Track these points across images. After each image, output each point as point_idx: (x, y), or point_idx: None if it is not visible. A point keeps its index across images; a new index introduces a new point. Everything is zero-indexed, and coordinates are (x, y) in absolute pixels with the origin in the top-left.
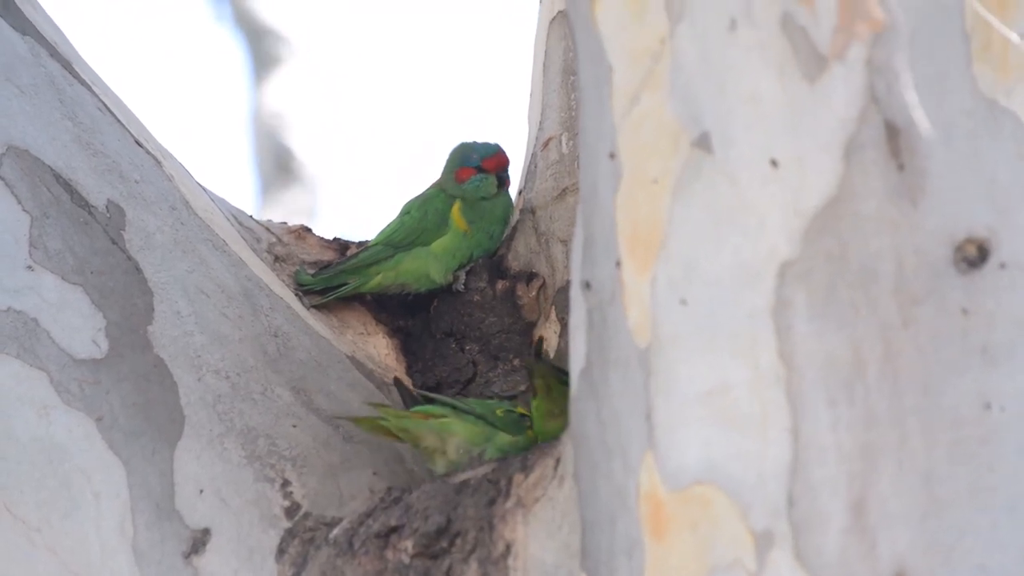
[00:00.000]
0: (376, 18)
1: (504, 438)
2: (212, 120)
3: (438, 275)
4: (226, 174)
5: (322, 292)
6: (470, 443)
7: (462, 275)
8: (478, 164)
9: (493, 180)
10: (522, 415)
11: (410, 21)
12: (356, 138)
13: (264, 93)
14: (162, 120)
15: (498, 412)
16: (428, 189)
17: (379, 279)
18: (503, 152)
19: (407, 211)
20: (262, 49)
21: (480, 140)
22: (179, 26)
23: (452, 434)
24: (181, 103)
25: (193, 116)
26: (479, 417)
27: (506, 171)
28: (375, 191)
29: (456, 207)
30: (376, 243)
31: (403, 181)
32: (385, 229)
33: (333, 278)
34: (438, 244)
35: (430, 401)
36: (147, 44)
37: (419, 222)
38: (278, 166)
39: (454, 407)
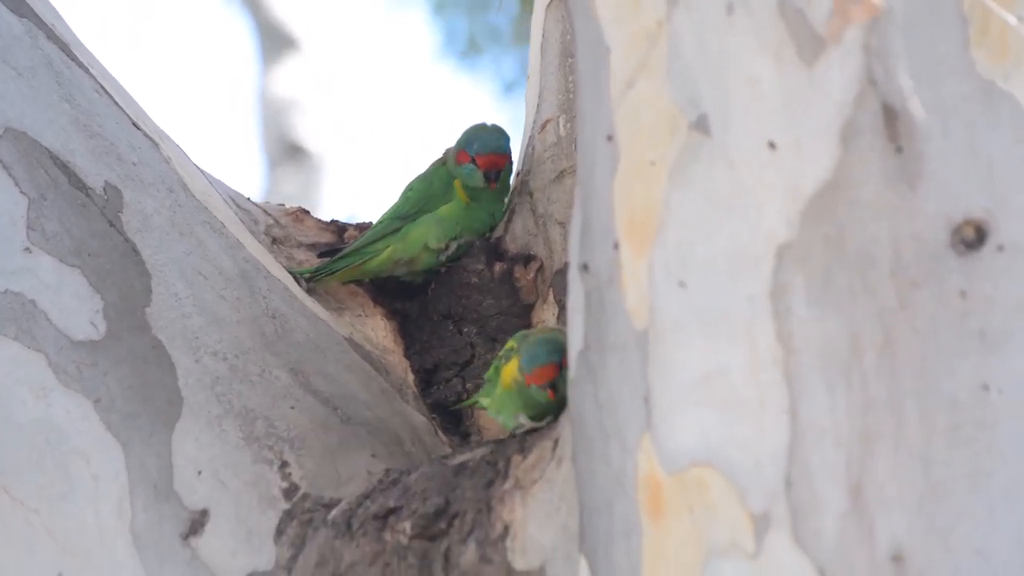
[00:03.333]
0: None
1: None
2: (220, 102)
3: (434, 240)
4: (233, 156)
5: (329, 276)
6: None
7: (453, 244)
8: (472, 157)
9: (481, 176)
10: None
11: (413, 5)
12: (357, 121)
13: (271, 76)
14: (169, 102)
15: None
16: (431, 166)
17: (389, 252)
18: (501, 154)
19: (410, 187)
20: (270, 32)
21: (496, 128)
22: (187, 9)
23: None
24: (189, 86)
25: (201, 98)
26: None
27: (497, 173)
28: (377, 175)
29: (458, 182)
30: (383, 219)
31: (405, 165)
32: (390, 208)
33: (341, 261)
34: (444, 209)
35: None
36: (155, 27)
37: (425, 191)
38: (284, 148)
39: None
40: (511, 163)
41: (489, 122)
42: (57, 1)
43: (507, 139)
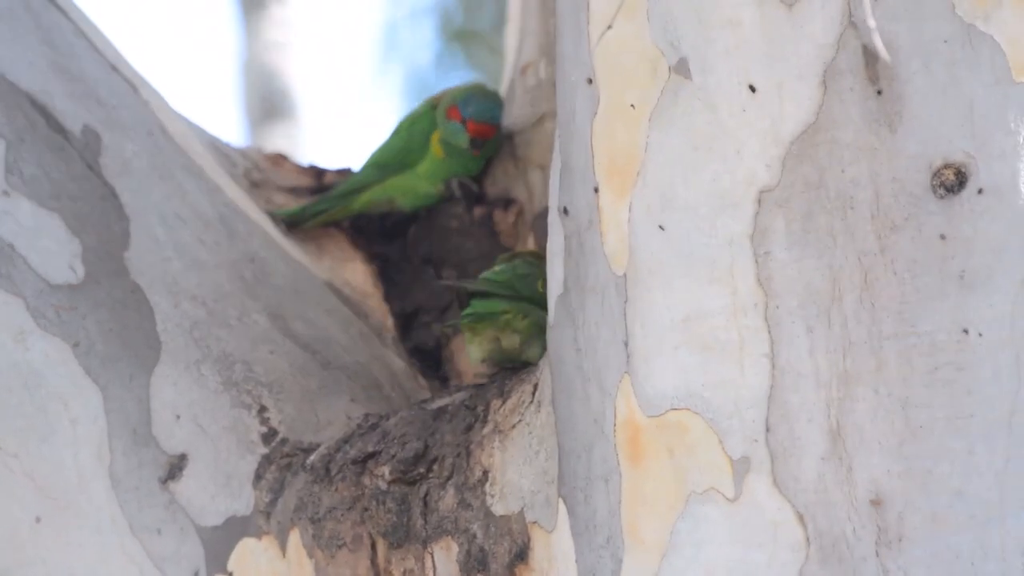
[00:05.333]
0: None
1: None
2: (200, 61)
3: (429, 187)
4: (214, 115)
5: (312, 217)
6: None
7: (453, 181)
8: (464, 119)
9: (467, 139)
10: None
11: None
12: (342, 77)
13: (253, 34)
14: (150, 62)
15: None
16: (421, 106)
17: (368, 195)
18: (493, 125)
19: (397, 131)
20: None
21: (494, 96)
22: None
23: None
24: (171, 45)
25: (181, 58)
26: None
27: (483, 142)
28: (360, 132)
29: (436, 135)
30: (367, 164)
31: (388, 123)
32: (376, 150)
33: (320, 203)
34: (422, 167)
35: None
36: None
37: (405, 142)
38: (265, 108)
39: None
40: (500, 132)
41: (490, 86)
42: None
43: (502, 108)
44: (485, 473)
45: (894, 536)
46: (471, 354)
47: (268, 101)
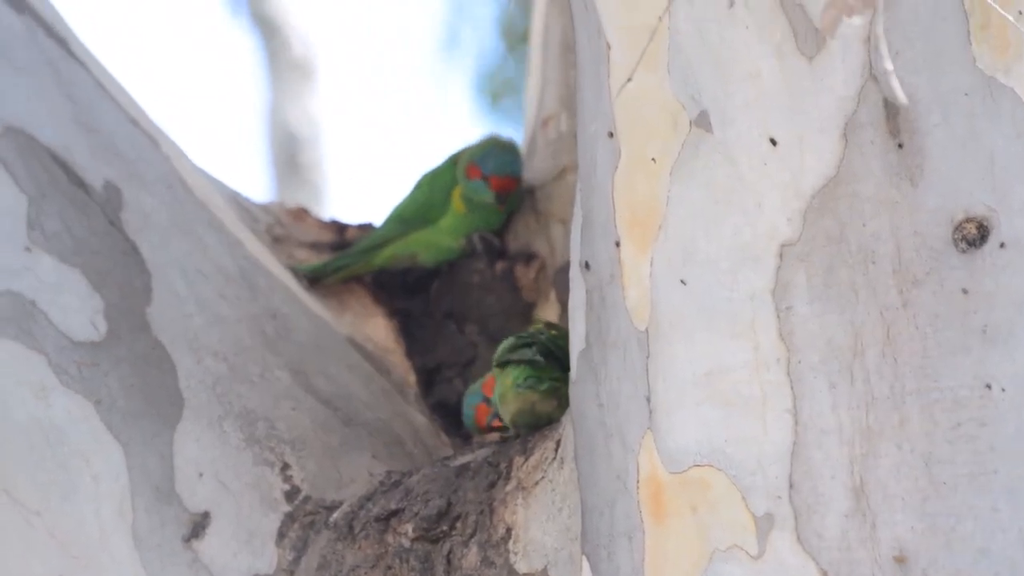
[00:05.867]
0: (389, 11)
1: None
2: (227, 116)
3: (451, 242)
4: (240, 171)
5: (334, 272)
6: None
7: (475, 236)
8: (486, 176)
9: (492, 195)
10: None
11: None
12: (365, 133)
13: (280, 92)
14: (175, 116)
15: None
16: (443, 163)
17: (392, 249)
18: (515, 177)
19: (419, 185)
20: (277, 46)
21: (511, 147)
22: (195, 22)
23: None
24: (196, 100)
25: (208, 112)
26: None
27: (507, 196)
28: (382, 186)
29: (458, 190)
30: (389, 218)
31: (409, 176)
32: (397, 205)
33: (342, 258)
34: (444, 222)
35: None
36: (163, 40)
37: (427, 197)
38: (291, 164)
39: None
40: (522, 184)
41: (504, 136)
42: (78, 22)
43: (520, 158)
44: (508, 530)
45: None
46: (504, 413)
47: (293, 155)
